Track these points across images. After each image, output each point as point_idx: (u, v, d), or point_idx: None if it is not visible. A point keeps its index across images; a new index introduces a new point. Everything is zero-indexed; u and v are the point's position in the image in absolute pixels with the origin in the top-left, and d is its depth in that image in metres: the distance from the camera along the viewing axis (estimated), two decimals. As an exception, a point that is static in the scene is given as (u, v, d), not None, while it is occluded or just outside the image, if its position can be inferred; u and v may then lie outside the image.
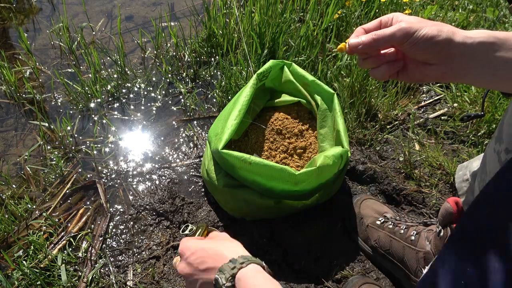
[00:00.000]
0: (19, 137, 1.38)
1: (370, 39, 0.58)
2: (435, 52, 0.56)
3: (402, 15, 0.59)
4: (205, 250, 0.64)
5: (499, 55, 0.54)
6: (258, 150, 1.14)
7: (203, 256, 0.64)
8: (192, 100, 1.49)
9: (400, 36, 0.56)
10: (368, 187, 1.24)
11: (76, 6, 1.87)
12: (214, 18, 1.64)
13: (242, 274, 0.57)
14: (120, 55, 1.59)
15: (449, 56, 0.56)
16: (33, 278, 1.02)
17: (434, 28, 0.55)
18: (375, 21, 0.62)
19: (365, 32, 0.62)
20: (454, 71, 0.57)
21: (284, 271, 1.07)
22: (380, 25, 0.62)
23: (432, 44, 0.55)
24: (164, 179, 1.27)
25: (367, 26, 0.62)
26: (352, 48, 0.60)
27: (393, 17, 0.60)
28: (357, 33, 0.62)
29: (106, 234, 1.14)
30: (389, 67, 0.61)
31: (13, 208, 1.17)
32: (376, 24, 0.62)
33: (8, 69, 1.47)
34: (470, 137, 1.33)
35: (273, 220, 1.15)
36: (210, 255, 0.63)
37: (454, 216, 0.93)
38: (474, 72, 0.56)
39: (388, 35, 0.57)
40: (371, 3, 1.64)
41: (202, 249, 0.65)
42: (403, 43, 0.57)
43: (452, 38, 0.54)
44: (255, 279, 0.57)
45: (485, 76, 0.56)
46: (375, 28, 0.62)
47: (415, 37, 0.55)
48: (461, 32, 0.55)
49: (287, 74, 1.17)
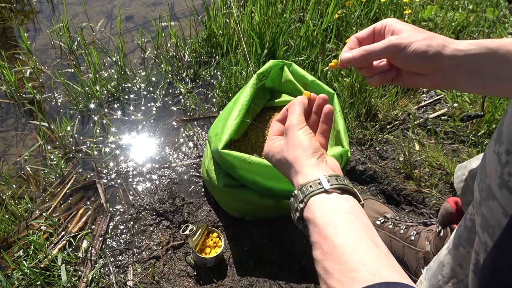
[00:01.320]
0: (19, 137, 1.38)
1: (360, 55, 0.59)
2: (425, 66, 0.57)
3: (395, 24, 0.60)
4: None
5: (489, 66, 0.54)
6: (258, 150, 1.14)
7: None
8: (192, 100, 1.49)
9: (389, 52, 0.57)
10: (368, 187, 1.24)
11: (76, 6, 1.87)
12: (214, 18, 1.64)
13: (305, 217, 0.53)
14: (120, 55, 1.59)
15: (440, 68, 0.56)
16: (33, 278, 1.02)
17: (423, 43, 0.55)
18: (369, 29, 0.63)
19: (358, 41, 0.63)
20: (445, 82, 0.57)
21: (284, 271, 1.07)
22: (374, 33, 0.62)
23: (422, 59, 0.55)
24: (164, 179, 1.27)
25: (360, 35, 0.63)
26: (344, 63, 0.61)
27: (386, 25, 0.61)
28: (350, 45, 0.63)
29: (106, 234, 1.14)
30: (381, 77, 0.62)
31: (13, 208, 1.17)
32: (369, 32, 0.63)
33: (8, 69, 1.48)
34: (470, 137, 1.33)
35: (273, 220, 1.15)
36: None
37: (454, 216, 0.93)
38: (465, 83, 0.57)
39: (377, 50, 0.58)
40: (371, 3, 1.64)
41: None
42: (393, 58, 0.58)
43: (442, 52, 0.55)
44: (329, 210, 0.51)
45: (476, 86, 0.57)
46: (368, 37, 0.63)
47: (404, 53, 0.56)
48: (452, 44, 0.55)
49: (287, 74, 1.17)
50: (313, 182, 0.53)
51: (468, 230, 0.71)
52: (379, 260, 0.44)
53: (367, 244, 0.46)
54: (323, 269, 0.47)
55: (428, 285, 0.80)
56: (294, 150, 0.58)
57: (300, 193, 0.53)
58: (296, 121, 0.62)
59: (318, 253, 0.49)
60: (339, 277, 0.44)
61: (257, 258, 1.09)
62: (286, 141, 0.61)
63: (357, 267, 0.43)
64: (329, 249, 0.47)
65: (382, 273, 0.42)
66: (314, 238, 0.50)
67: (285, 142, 0.61)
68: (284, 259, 1.08)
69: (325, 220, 0.49)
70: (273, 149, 0.63)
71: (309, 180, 0.53)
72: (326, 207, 0.51)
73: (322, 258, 0.48)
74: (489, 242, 0.56)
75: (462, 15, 1.66)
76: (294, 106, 0.64)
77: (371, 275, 0.42)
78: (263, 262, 1.08)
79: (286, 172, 0.60)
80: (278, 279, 1.05)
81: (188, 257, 1.09)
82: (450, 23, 1.63)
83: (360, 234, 0.47)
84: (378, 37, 0.62)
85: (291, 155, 0.58)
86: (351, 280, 0.43)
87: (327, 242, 0.48)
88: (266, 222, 1.14)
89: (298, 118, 0.62)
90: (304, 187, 0.53)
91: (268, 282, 1.03)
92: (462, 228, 0.73)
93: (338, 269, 0.45)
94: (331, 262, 0.46)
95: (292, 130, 0.61)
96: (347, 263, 0.44)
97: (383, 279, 0.41)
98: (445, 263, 0.77)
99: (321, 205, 0.51)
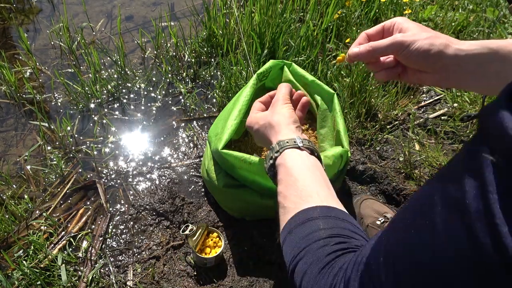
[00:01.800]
0: (19, 137, 1.38)
1: (366, 51, 0.63)
2: (427, 64, 0.59)
3: (404, 22, 0.62)
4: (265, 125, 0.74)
5: (491, 66, 0.56)
6: (258, 150, 1.14)
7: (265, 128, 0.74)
8: (192, 100, 1.49)
9: (394, 49, 0.60)
10: (368, 187, 1.24)
11: (76, 6, 1.87)
12: (214, 18, 1.64)
13: (277, 162, 0.65)
14: (120, 55, 1.59)
15: (443, 67, 0.58)
16: (33, 278, 1.02)
17: (426, 41, 0.57)
18: (378, 26, 0.66)
19: (368, 38, 0.66)
20: (448, 80, 0.59)
21: (284, 271, 1.07)
22: (383, 30, 0.65)
23: (424, 57, 0.58)
24: (164, 179, 1.27)
25: (370, 32, 0.66)
26: (352, 57, 0.65)
27: (395, 23, 0.63)
28: (359, 40, 0.66)
29: (106, 234, 1.14)
30: (388, 72, 0.65)
31: (13, 208, 1.17)
32: (379, 29, 0.66)
33: (8, 69, 1.48)
34: (470, 137, 1.33)
35: (273, 220, 1.15)
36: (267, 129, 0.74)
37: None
38: (467, 82, 0.58)
39: (382, 47, 0.61)
40: (371, 3, 1.64)
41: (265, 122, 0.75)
42: (397, 55, 0.61)
43: (444, 51, 0.57)
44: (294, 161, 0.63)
45: (478, 86, 0.59)
46: (377, 33, 0.66)
47: (408, 50, 0.58)
48: (455, 44, 0.57)
49: (287, 74, 1.17)
50: (290, 139, 0.66)
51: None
52: (330, 196, 0.58)
53: (322, 184, 0.59)
54: (283, 197, 0.59)
55: None
56: (278, 116, 0.72)
57: (277, 145, 0.66)
58: (282, 97, 0.77)
59: (282, 187, 0.61)
60: (295, 199, 0.57)
61: (257, 258, 1.09)
62: (271, 110, 0.76)
63: (311, 194, 0.57)
64: (292, 182, 0.59)
65: (330, 202, 0.56)
66: (280, 176, 0.63)
67: (270, 111, 0.76)
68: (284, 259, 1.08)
69: (293, 164, 0.62)
70: (257, 118, 0.77)
71: (286, 138, 0.67)
72: (296, 158, 0.63)
73: (284, 189, 0.60)
74: None
75: (462, 15, 1.66)
76: (282, 87, 0.79)
77: (320, 200, 0.55)
78: (263, 262, 1.08)
79: (267, 134, 0.73)
80: (278, 279, 1.05)
81: (188, 257, 1.09)
82: (450, 23, 1.63)
83: (318, 178, 0.60)
84: (387, 34, 0.64)
85: (275, 119, 0.72)
86: (304, 201, 0.56)
87: (291, 178, 0.60)
88: (266, 222, 1.14)
89: (284, 95, 0.77)
90: (282, 142, 0.66)
91: (268, 282, 1.03)
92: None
93: (295, 194, 0.57)
94: (291, 190, 0.59)
95: (278, 102, 0.76)
96: (304, 192, 0.57)
97: (329, 204, 0.55)
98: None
99: (292, 156, 0.63)
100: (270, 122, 0.72)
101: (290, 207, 0.56)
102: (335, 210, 0.54)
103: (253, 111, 0.80)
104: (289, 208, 0.57)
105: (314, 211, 0.54)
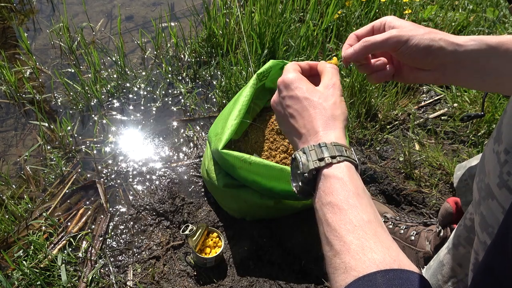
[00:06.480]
0: (19, 137, 1.38)
1: (362, 46, 0.59)
2: (426, 61, 0.57)
3: (394, 20, 0.60)
4: (303, 109, 0.55)
5: (489, 62, 0.55)
6: (258, 150, 1.14)
7: (298, 113, 0.56)
8: (192, 100, 1.49)
9: (391, 44, 0.57)
10: (368, 187, 1.24)
11: (76, 6, 1.87)
12: (214, 18, 1.64)
13: (330, 172, 0.49)
14: (120, 55, 1.59)
15: (441, 64, 0.57)
16: (33, 278, 1.02)
17: (426, 37, 0.55)
18: (367, 27, 0.63)
19: (358, 38, 0.63)
20: (446, 77, 0.58)
21: (284, 271, 1.07)
22: (373, 31, 0.63)
23: (424, 54, 0.56)
24: (164, 179, 1.27)
25: (360, 32, 0.63)
26: (347, 59, 0.61)
27: (386, 22, 0.61)
28: (349, 41, 0.63)
29: (106, 234, 1.14)
30: (380, 74, 0.62)
31: (13, 208, 1.17)
32: (368, 29, 0.63)
33: (8, 69, 1.48)
34: (470, 137, 1.33)
35: (273, 220, 1.15)
36: (304, 118, 0.55)
37: (454, 216, 0.93)
38: (465, 78, 0.57)
39: (379, 42, 0.58)
40: (371, 3, 1.64)
41: (302, 105, 0.56)
42: (395, 51, 0.58)
43: (444, 48, 0.55)
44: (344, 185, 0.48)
45: (476, 82, 0.58)
46: (367, 34, 0.63)
47: (406, 47, 0.56)
48: (453, 40, 0.56)
49: (287, 74, 1.17)
50: (348, 149, 0.51)
51: (468, 230, 0.71)
52: (398, 249, 0.43)
53: (385, 228, 0.45)
54: (332, 231, 0.45)
55: None
56: (337, 109, 0.55)
57: (334, 147, 0.50)
58: (340, 85, 0.58)
59: (332, 215, 0.46)
60: (355, 248, 0.42)
61: (257, 258, 1.09)
62: (331, 93, 0.56)
63: (378, 247, 0.42)
64: (353, 217, 0.45)
65: (401, 259, 0.41)
66: (331, 199, 0.47)
67: (330, 93, 0.56)
68: (284, 259, 1.08)
69: (355, 185, 0.48)
70: (311, 91, 0.56)
71: (344, 144, 0.51)
72: (356, 179, 0.49)
73: (338, 221, 0.45)
74: (488, 241, 0.56)
75: (462, 15, 1.66)
76: (334, 69, 0.61)
77: (392, 260, 0.41)
78: (263, 262, 1.08)
79: (316, 121, 0.54)
80: (278, 279, 1.05)
81: (188, 257, 1.09)
82: (450, 23, 1.63)
83: (377, 215, 0.46)
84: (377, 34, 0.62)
85: (337, 113, 0.54)
86: (367, 259, 0.41)
87: (350, 209, 0.45)
88: (266, 222, 1.14)
89: (340, 84, 0.59)
90: (340, 146, 0.50)
91: (268, 282, 1.03)
92: (462, 227, 0.73)
93: (357, 238, 0.43)
94: (349, 227, 0.44)
95: (338, 91, 0.57)
96: (369, 241, 0.43)
97: (401, 266, 0.40)
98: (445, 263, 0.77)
99: (353, 175, 0.49)
100: (326, 108, 0.54)
101: (347, 261, 0.42)
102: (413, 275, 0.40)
103: (296, 72, 0.59)
104: (345, 260, 0.42)
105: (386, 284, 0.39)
